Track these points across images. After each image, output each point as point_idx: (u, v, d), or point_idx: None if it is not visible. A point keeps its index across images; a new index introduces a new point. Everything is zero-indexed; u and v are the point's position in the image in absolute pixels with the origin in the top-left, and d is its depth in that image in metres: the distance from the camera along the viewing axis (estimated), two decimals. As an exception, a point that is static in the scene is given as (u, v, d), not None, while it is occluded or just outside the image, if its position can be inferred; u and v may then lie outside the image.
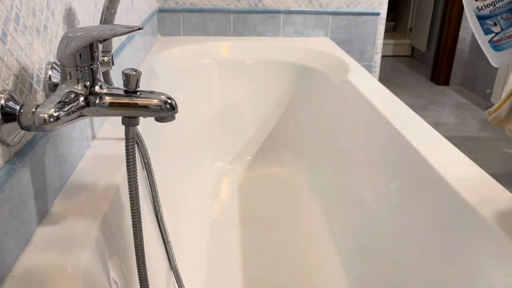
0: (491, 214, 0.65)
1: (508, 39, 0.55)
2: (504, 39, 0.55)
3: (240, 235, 1.31)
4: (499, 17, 0.55)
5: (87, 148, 0.79)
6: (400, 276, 0.86)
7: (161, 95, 0.53)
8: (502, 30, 0.55)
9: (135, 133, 0.57)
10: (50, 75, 0.62)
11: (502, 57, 0.56)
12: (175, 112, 0.54)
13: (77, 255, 0.52)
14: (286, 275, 1.16)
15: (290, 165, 1.66)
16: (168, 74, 1.43)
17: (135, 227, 0.62)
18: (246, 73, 1.67)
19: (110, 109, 0.53)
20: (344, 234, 1.20)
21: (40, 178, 0.57)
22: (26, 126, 0.50)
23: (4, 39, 0.50)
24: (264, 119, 1.71)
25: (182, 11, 1.78)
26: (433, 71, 3.59)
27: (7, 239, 0.48)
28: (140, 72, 0.53)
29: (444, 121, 2.80)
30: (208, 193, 1.52)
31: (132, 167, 0.59)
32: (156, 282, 0.85)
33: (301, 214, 1.41)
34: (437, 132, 0.93)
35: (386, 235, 0.95)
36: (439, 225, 0.76)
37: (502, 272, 0.60)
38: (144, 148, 0.82)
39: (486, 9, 0.55)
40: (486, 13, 0.56)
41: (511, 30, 0.54)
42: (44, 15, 0.61)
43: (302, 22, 1.83)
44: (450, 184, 0.73)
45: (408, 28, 4.40)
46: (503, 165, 2.23)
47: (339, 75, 1.44)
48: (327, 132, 1.45)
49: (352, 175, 1.20)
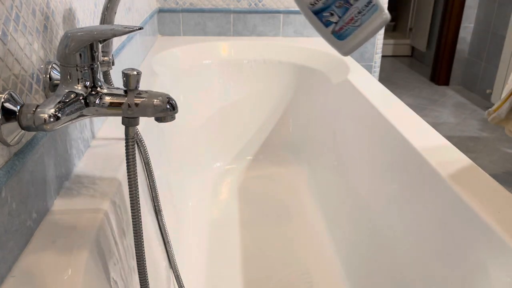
0: (491, 214, 0.65)
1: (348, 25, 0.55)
2: (344, 25, 0.56)
3: (240, 235, 1.31)
4: (333, 7, 0.55)
5: (87, 148, 0.79)
6: (400, 276, 0.86)
7: (161, 95, 0.53)
8: (340, 17, 0.55)
9: (135, 133, 0.57)
10: (50, 75, 0.62)
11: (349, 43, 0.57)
12: (175, 112, 0.54)
13: (77, 255, 0.52)
14: (286, 275, 1.16)
15: (290, 165, 1.66)
16: (168, 74, 1.43)
17: (135, 227, 0.62)
18: (246, 73, 1.67)
19: (110, 109, 0.53)
20: (344, 233, 1.20)
21: (40, 178, 0.57)
22: (26, 126, 0.50)
23: (4, 39, 0.50)
24: (264, 119, 1.71)
25: (182, 11, 1.78)
26: (433, 71, 3.59)
27: (7, 239, 0.48)
28: (140, 72, 0.53)
29: (444, 121, 2.80)
30: (208, 193, 1.52)
31: (132, 167, 0.59)
32: (156, 282, 0.85)
33: (301, 214, 1.41)
34: (437, 132, 0.93)
35: (386, 235, 0.95)
36: (439, 224, 0.76)
37: (502, 272, 0.60)
38: (144, 148, 0.82)
39: (319, 3, 0.56)
40: (320, 6, 0.56)
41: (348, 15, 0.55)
42: (44, 15, 0.61)
43: (302, 22, 1.83)
44: (450, 184, 0.73)
45: (408, 28, 4.40)
46: (503, 165, 2.23)
47: (339, 75, 1.44)
48: (327, 132, 1.45)
49: (352, 175, 1.20)
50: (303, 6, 0.57)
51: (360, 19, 0.54)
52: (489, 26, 3.11)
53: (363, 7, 0.54)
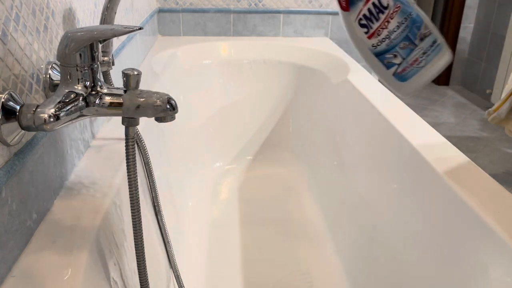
0: (490, 214, 0.65)
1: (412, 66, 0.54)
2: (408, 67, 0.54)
3: (240, 235, 1.31)
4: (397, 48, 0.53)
5: (87, 148, 0.79)
6: (400, 276, 0.86)
7: (161, 95, 0.53)
8: (404, 59, 0.54)
9: (135, 133, 0.57)
10: (50, 75, 0.62)
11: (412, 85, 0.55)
12: (175, 112, 0.54)
13: (77, 255, 0.52)
14: (286, 275, 1.16)
15: (290, 165, 1.66)
16: (168, 74, 1.43)
17: (135, 227, 0.62)
18: (246, 73, 1.67)
19: (110, 109, 0.53)
20: (344, 233, 1.20)
21: (40, 178, 0.57)
22: (26, 126, 0.50)
23: (4, 39, 0.50)
24: (264, 119, 1.71)
25: (182, 11, 1.78)
26: (433, 71, 3.59)
27: (7, 239, 0.48)
28: (140, 72, 0.53)
29: (444, 121, 2.80)
30: (208, 193, 1.52)
31: (132, 167, 0.59)
32: (156, 282, 0.85)
33: (301, 214, 1.41)
34: (437, 132, 0.93)
35: (386, 235, 0.95)
36: (439, 225, 0.76)
37: (502, 272, 0.60)
38: (144, 148, 0.82)
39: (382, 44, 0.54)
40: (383, 48, 0.54)
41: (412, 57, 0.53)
42: (44, 15, 0.61)
43: (302, 22, 1.83)
44: (450, 184, 0.73)
45: (408, 28, 4.40)
46: (503, 165, 2.23)
47: (339, 75, 1.44)
48: (327, 132, 1.45)
49: (352, 175, 1.20)
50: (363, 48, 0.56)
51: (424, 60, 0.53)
52: (489, 26, 3.11)
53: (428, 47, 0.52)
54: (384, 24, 0.52)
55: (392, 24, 0.51)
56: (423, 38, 0.51)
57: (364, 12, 0.53)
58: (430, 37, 0.51)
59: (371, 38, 0.54)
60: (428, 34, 0.51)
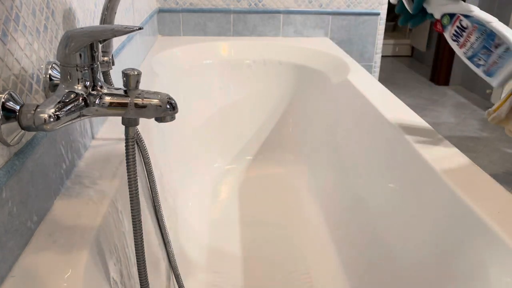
0: (490, 214, 0.65)
1: (492, 66, 0.72)
2: (490, 67, 0.72)
3: (240, 235, 1.31)
4: (479, 54, 0.73)
5: (87, 148, 0.79)
6: (400, 276, 0.86)
7: (161, 95, 0.53)
8: (486, 61, 0.72)
9: (135, 133, 0.57)
10: (50, 75, 0.62)
11: (497, 79, 0.72)
12: (175, 112, 0.54)
13: (77, 255, 0.52)
14: (286, 275, 1.16)
15: (290, 165, 1.66)
16: (168, 74, 1.43)
17: (135, 227, 0.62)
18: (246, 73, 1.67)
19: (110, 109, 0.53)
20: (344, 233, 1.20)
21: (40, 178, 0.57)
22: (26, 126, 0.50)
23: (4, 39, 0.50)
24: (264, 119, 1.71)
25: (182, 11, 1.78)
26: (433, 71, 3.59)
27: (7, 239, 0.48)
28: (140, 72, 0.53)
29: (444, 121, 2.80)
30: (208, 193, 1.52)
31: (132, 167, 0.59)
32: (156, 282, 0.85)
33: (301, 214, 1.41)
34: (437, 132, 0.93)
35: (385, 235, 0.95)
36: (439, 225, 0.76)
37: (502, 272, 0.60)
38: (144, 148, 0.82)
39: (469, 52, 0.75)
40: (470, 54, 0.75)
41: (491, 60, 0.72)
42: (44, 15, 0.61)
43: (302, 22, 1.83)
44: (450, 184, 0.73)
45: (408, 28, 4.40)
46: (503, 165, 2.23)
47: (339, 75, 1.44)
48: (327, 132, 1.45)
49: (352, 175, 1.20)
50: (460, 54, 0.76)
51: (501, 62, 0.70)
52: (489, 26, 3.10)
53: (502, 53, 0.70)
54: (467, 39, 0.74)
55: (472, 38, 0.73)
56: (497, 46, 0.70)
57: (453, 32, 0.77)
58: (503, 46, 0.69)
59: (461, 48, 0.76)
60: (501, 44, 0.70)
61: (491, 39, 0.71)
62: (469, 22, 0.73)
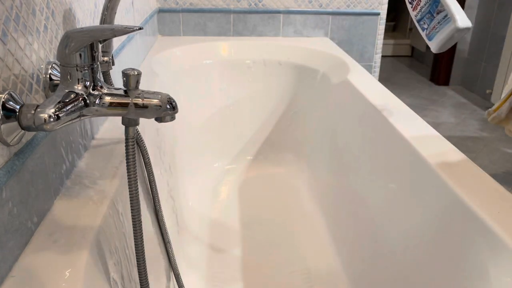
0: (490, 214, 0.65)
1: (432, 31, 0.77)
2: (431, 31, 0.78)
3: (240, 235, 1.31)
4: (425, 18, 0.79)
5: (87, 148, 0.79)
6: (400, 276, 0.86)
7: (161, 95, 0.53)
8: (428, 25, 0.78)
9: (135, 133, 0.57)
10: (50, 75, 0.62)
11: (434, 43, 0.77)
12: (175, 112, 0.54)
13: (77, 255, 0.52)
14: (286, 275, 1.16)
15: (290, 165, 1.66)
16: (168, 74, 1.43)
17: (135, 227, 0.62)
18: (246, 73, 1.67)
19: (110, 109, 0.53)
20: (344, 233, 1.20)
21: (40, 178, 0.57)
22: (26, 126, 0.50)
23: (4, 39, 0.50)
24: (264, 119, 1.71)
25: (182, 11, 1.78)
26: (433, 71, 3.59)
27: (7, 239, 0.49)
28: (140, 72, 0.53)
29: (444, 121, 2.80)
30: (208, 193, 1.52)
31: (132, 167, 0.59)
32: (156, 282, 0.85)
33: (301, 214, 1.41)
34: (437, 132, 0.93)
35: (386, 235, 0.95)
36: (439, 225, 0.76)
37: (502, 272, 0.60)
38: (144, 148, 0.82)
39: (418, 15, 0.81)
40: (419, 18, 0.81)
41: (432, 24, 0.77)
42: (44, 15, 0.61)
43: (302, 22, 1.83)
44: (450, 184, 0.73)
45: (408, 28, 4.40)
46: (503, 165, 2.23)
47: (339, 75, 1.44)
48: (327, 132, 1.45)
49: (352, 175, 1.20)
50: (413, 16, 0.82)
51: (439, 27, 0.75)
52: (489, 26, 3.11)
53: (441, 19, 0.75)
54: (418, 1, 0.80)
55: (422, 2, 0.79)
56: (439, 12, 0.75)
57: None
58: (443, 12, 0.74)
59: (414, 10, 0.82)
60: (442, 10, 0.74)
61: (435, 4, 0.76)
62: None
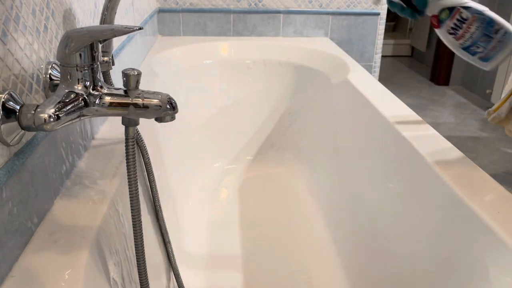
0: (490, 214, 0.65)
1: (491, 52, 0.75)
2: (489, 53, 0.75)
3: (240, 235, 1.31)
4: (478, 43, 0.75)
5: (87, 148, 0.79)
6: (400, 276, 0.86)
7: (161, 95, 0.53)
8: (485, 48, 0.75)
9: (135, 133, 0.57)
10: (50, 75, 0.62)
11: (493, 63, 0.76)
12: (175, 112, 0.54)
13: (77, 255, 0.52)
14: (286, 275, 1.16)
15: (290, 165, 1.66)
16: (168, 74, 1.43)
17: (135, 227, 0.62)
18: (246, 73, 1.67)
19: (110, 109, 0.53)
20: (344, 233, 1.20)
21: (40, 178, 0.57)
22: (26, 126, 0.50)
23: (4, 39, 0.50)
24: (264, 119, 1.71)
25: (182, 11, 1.78)
26: (433, 71, 3.59)
27: (7, 239, 0.49)
28: (140, 72, 0.53)
29: (444, 121, 2.80)
30: (208, 193, 1.52)
31: (132, 167, 0.59)
32: (156, 282, 0.85)
33: (301, 214, 1.41)
34: (437, 132, 0.93)
35: (385, 235, 0.95)
36: (439, 225, 0.76)
37: (502, 272, 0.60)
38: (144, 148, 0.82)
39: (467, 42, 0.77)
40: (468, 44, 0.77)
41: (491, 45, 0.74)
42: (44, 15, 0.61)
43: (302, 22, 1.83)
44: (450, 184, 0.73)
45: (408, 28, 4.40)
46: (503, 165, 2.23)
47: (339, 75, 1.44)
48: (327, 132, 1.45)
49: (352, 175, 1.20)
50: (455, 46, 0.79)
51: (500, 45, 0.74)
52: (489, 26, 3.11)
53: (501, 37, 0.73)
54: (466, 29, 0.76)
55: (472, 28, 0.75)
56: (497, 32, 0.73)
57: (451, 25, 0.78)
58: (502, 30, 0.73)
59: (459, 39, 0.77)
60: (500, 28, 0.73)
61: (490, 26, 0.74)
62: (469, 13, 0.75)
